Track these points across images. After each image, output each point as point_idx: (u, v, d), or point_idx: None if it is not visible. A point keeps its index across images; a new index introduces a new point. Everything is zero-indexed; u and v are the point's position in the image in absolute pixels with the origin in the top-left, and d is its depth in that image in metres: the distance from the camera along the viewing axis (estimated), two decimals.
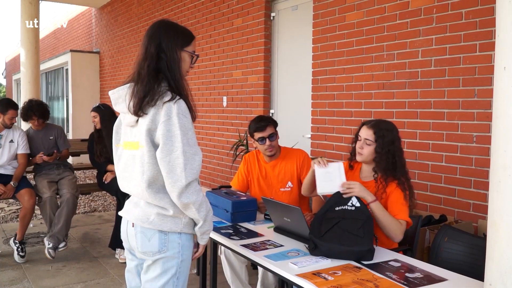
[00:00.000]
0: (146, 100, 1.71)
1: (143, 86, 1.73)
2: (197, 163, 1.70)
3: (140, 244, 1.80)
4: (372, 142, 2.37)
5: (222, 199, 2.76)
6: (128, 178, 1.85)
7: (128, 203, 1.93)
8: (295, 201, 3.08)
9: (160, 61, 1.77)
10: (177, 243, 1.79)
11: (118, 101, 1.85)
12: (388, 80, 3.95)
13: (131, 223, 1.84)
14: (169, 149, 1.68)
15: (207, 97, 6.52)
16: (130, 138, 1.84)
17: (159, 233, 1.77)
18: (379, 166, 2.36)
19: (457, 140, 3.45)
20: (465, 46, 3.36)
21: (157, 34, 1.79)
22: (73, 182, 4.41)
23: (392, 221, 2.23)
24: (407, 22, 3.76)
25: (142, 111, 1.73)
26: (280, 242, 2.29)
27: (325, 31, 4.55)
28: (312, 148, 4.74)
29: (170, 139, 1.68)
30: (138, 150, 1.77)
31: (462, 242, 2.49)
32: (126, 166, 1.85)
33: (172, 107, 1.69)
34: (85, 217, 5.89)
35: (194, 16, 6.79)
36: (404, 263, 2.03)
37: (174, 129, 1.67)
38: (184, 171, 1.66)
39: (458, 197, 3.45)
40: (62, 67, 11.93)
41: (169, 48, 1.78)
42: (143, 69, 1.77)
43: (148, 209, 1.78)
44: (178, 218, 1.77)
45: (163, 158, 1.68)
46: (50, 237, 4.03)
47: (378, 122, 2.44)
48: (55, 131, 4.59)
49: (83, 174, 9.19)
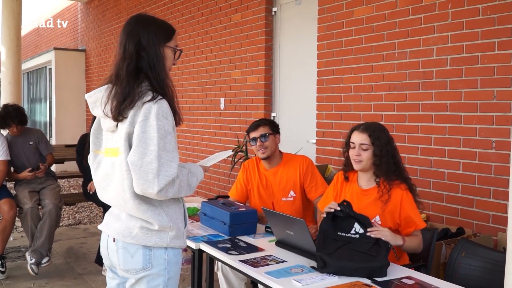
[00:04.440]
0: (126, 103, 1.70)
1: (122, 88, 1.72)
2: (172, 171, 1.66)
3: (122, 261, 1.78)
4: (369, 146, 2.40)
5: (219, 211, 2.77)
6: (108, 188, 1.83)
7: (108, 215, 1.91)
8: (298, 212, 3.08)
9: (141, 60, 1.76)
10: (163, 259, 1.77)
11: (96, 104, 1.84)
12: (400, 81, 3.96)
13: (112, 238, 1.82)
14: (142, 152, 1.64)
15: (202, 99, 6.54)
16: (111, 144, 1.82)
17: (143, 249, 1.75)
18: (381, 169, 2.39)
19: (475, 146, 3.46)
20: (483, 44, 3.38)
21: (136, 31, 1.78)
22: (56, 192, 4.41)
23: (416, 244, 2.38)
24: (421, 17, 3.79)
25: (121, 115, 1.71)
26: (283, 258, 2.30)
27: (331, 27, 4.57)
28: (318, 155, 4.75)
29: (144, 141, 1.65)
30: (117, 157, 1.76)
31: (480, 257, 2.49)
32: (106, 175, 1.83)
33: (152, 108, 1.68)
34: (69, 230, 5.89)
35: (189, 11, 6.82)
36: (418, 281, 2.03)
37: (151, 130, 1.65)
38: (157, 177, 1.63)
39: (476, 208, 3.45)
40: (45, 67, 11.96)
41: (150, 45, 1.76)
42: (122, 70, 1.75)
43: (131, 222, 1.76)
44: (164, 232, 1.75)
45: (134, 161, 1.64)
46: (33, 252, 4.03)
47: (369, 125, 2.49)
48: (35, 135, 4.59)
49: (67, 183, 9.19)
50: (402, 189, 2.40)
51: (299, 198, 3.11)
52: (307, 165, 3.13)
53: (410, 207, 2.38)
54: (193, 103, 6.64)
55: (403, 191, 2.39)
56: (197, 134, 6.64)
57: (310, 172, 3.11)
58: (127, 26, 1.81)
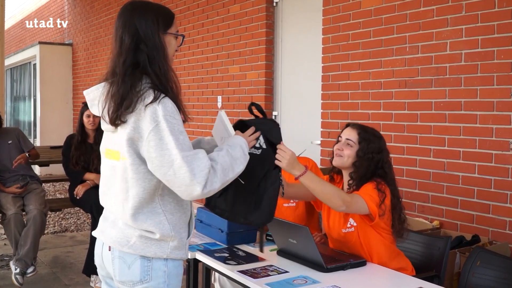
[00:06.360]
0: (124, 105, 1.67)
1: (118, 88, 1.69)
2: (204, 162, 1.66)
3: (118, 272, 1.77)
4: (354, 143, 2.40)
5: (216, 217, 2.77)
6: (108, 192, 1.82)
7: (103, 221, 1.89)
8: (301, 219, 3.09)
9: (139, 54, 1.72)
10: (162, 271, 1.76)
11: (94, 102, 1.82)
12: (411, 77, 3.97)
13: (108, 246, 1.81)
14: (168, 161, 1.64)
15: (198, 97, 6.55)
16: (111, 145, 1.81)
17: (141, 259, 1.74)
18: (357, 172, 2.37)
19: (492, 148, 3.47)
20: (499, 38, 3.39)
21: (132, 21, 1.73)
22: (41, 197, 4.42)
23: (331, 190, 2.23)
24: (433, 9, 3.80)
25: (119, 120, 1.68)
26: (285, 268, 2.30)
27: (337, 20, 4.58)
28: (323, 157, 4.76)
29: (165, 148, 1.64)
30: (119, 162, 1.74)
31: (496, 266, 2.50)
32: (107, 178, 1.84)
33: (157, 110, 1.65)
34: (55, 238, 5.90)
35: (184, 2, 6.83)
36: None
37: (165, 135, 1.64)
38: (194, 177, 1.63)
39: (492, 214, 3.46)
40: (30, 62, 11.98)
41: (149, 36, 1.72)
42: (118, 67, 1.72)
43: (129, 230, 1.75)
44: (165, 242, 1.75)
45: (166, 173, 1.64)
46: (17, 261, 4.04)
47: (365, 126, 2.48)
48: (13, 134, 4.64)
49: (53, 187, 9.20)
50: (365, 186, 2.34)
51: (302, 204, 3.11)
52: (310, 168, 3.11)
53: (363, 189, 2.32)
54: (188, 101, 6.65)
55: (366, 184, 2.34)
56: (192, 134, 6.65)
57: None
58: (122, 15, 1.77)
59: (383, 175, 2.38)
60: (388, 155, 2.45)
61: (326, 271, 2.20)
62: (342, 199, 2.22)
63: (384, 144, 2.45)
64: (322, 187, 2.23)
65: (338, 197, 2.22)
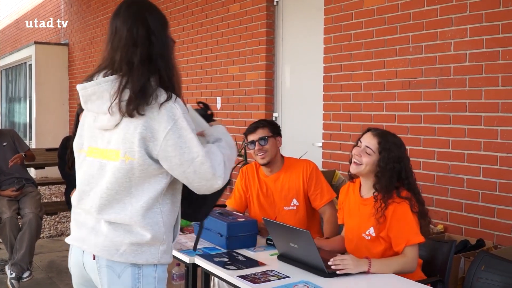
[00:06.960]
0: (144, 96, 1.65)
1: (139, 78, 1.67)
2: (218, 156, 1.73)
3: (106, 282, 1.73)
4: (372, 152, 2.41)
5: (215, 221, 2.78)
6: (89, 192, 1.77)
7: (78, 226, 1.83)
8: (302, 223, 3.09)
9: (152, 47, 1.72)
10: (152, 277, 1.75)
11: (92, 98, 1.75)
12: (415, 78, 3.98)
13: (91, 255, 1.76)
14: (189, 158, 1.67)
15: (197, 98, 6.55)
16: (101, 144, 1.76)
17: (131, 267, 1.71)
18: (380, 183, 2.39)
19: (497, 150, 3.47)
20: (504, 38, 3.40)
21: (143, 14, 1.73)
22: (37, 200, 4.43)
23: (398, 266, 2.32)
24: (437, 8, 3.81)
25: (137, 111, 1.65)
26: (286, 273, 2.31)
27: (339, 19, 4.59)
28: (324, 159, 4.76)
29: (186, 146, 1.66)
30: (117, 162, 1.70)
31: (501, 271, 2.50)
32: (90, 177, 1.77)
33: (174, 108, 1.68)
34: (50, 242, 5.90)
35: (182, 1, 6.84)
36: None
37: (185, 133, 1.67)
38: (215, 172, 1.70)
39: (498, 218, 3.46)
40: (25, 62, 11.99)
41: (159, 30, 1.74)
42: (136, 56, 1.69)
43: (117, 237, 1.71)
44: (155, 247, 1.73)
45: (187, 171, 1.68)
46: (13, 266, 4.05)
47: (386, 133, 2.49)
48: (8, 136, 4.67)
49: (48, 190, 9.19)
50: (397, 202, 2.37)
51: (302, 207, 3.12)
52: (311, 171, 3.13)
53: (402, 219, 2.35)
54: (187, 102, 6.63)
55: (398, 204, 2.36)
56: None
57: (315, 178, 3.11)
58: (129, 9, 1.75)
59: (406, 184, 2.41)
60: (409, 162, 2.47)
61: (327, 276, 2.21)
62: (410, 266, 2.35)
63: (404, 151, 2.47)
64: (390, 267, 2.33)
65: (409, 265, 2.34)
